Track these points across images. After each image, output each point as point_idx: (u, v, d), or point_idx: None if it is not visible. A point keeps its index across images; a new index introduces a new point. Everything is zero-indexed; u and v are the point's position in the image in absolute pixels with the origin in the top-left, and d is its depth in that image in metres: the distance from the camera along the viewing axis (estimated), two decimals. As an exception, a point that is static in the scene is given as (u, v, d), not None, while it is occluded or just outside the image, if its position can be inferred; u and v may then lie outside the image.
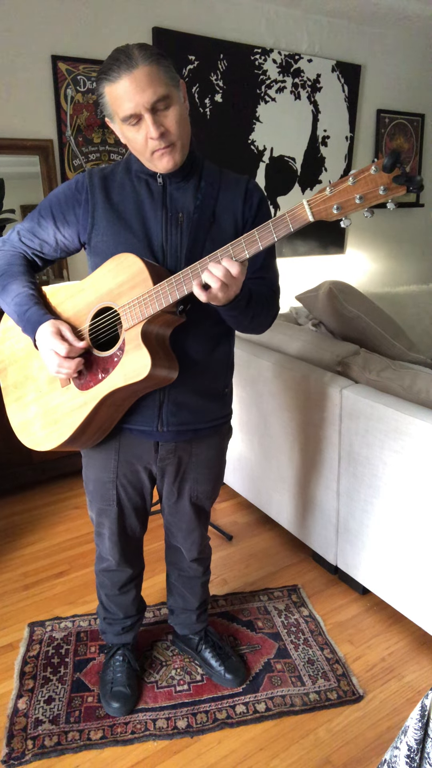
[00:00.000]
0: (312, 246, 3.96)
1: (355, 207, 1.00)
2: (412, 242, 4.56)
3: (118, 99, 1.15)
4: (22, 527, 2.53)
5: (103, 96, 1.18)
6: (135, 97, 1.13)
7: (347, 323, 2.24)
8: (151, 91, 1.13)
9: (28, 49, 2.68)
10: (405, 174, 0.95)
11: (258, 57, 3.37)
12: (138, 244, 1.26)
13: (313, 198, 1.02)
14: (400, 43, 3.99)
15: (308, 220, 1.03)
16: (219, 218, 1.29)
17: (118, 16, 2.88)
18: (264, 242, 1.08)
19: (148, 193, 1.28)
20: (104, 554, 1.61)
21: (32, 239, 1.37)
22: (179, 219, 1.27)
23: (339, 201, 1.01)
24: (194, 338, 1.33)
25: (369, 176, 0.98)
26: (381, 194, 0.98)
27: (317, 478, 2.10)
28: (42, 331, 1.25)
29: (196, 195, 1.28)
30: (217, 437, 1.50)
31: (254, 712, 1.64)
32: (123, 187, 1.29)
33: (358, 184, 0.99)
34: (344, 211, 1.01)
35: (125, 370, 1.21)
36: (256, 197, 1.32)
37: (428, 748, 0.95)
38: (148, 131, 1.16)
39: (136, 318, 1.19)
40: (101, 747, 1.54)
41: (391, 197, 0.98)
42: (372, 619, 1.99)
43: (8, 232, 1.42)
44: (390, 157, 0.94)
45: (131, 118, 1.16)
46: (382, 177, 0.97)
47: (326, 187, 1.01)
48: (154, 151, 1.19)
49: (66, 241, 1.35)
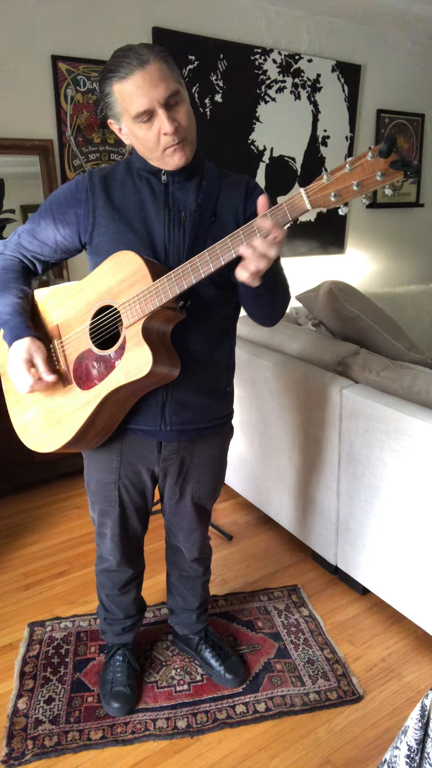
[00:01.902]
0: (312, 246, 3.96)
1: (353, 194, 1.00)
2: (412, 242, 4.56)
3: (130, 96, 1.14)
4: (22, 527, 2.53)
5: (111, 95, 1.17)
6: (150, 92, 1.13)
7: (347, 323, 2.24)
8: (165, 86, 1.13)
9: (28, 49, 2.68)
10: (402, 159, 0.95)
11: (258, 57, 3.37)
12: (140, 243, 1.26)
13: (311, 186, 1.01)
14: (400, 43, 3.99)
15: (306, 208, 1.02)
16: (220, 217, 1.29)
17: (118, 16, 2.88)
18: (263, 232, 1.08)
19: (150, 192, 1.28)
20: (105, 554, 1.61)
21: (32, 241, 1.37)
22: (182, 218, 1.27)
23: (336, 188, 1.00)
24: (196, 336, 1.33)
25: (366, 162, 0.98)
26: (378, 180, 0.97)
27: (317, 478, 2.10)
28: (16, 348, 1.26)
29: (198, 194, 1.28)
30: (219, 437, 1.50)
31: (254, 712, 1.64)
32: (124, 186, 1.29)
33: (355, 170, 0.98)
34: (342, 198, 1.01)
35: (127, 367, 1.21)
36: (256, 195, 1.32)
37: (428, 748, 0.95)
38: (162, 126, 1.15)
39: (136, 315, 1.19)
40: (101, 747, 1.54)
41: (389, 183, 0.98)
42: (372, 619, 1.99)
43: (11, 236, 1.42)
44: (386, 142, 0.93)
45: (144, 114, 1.15)
46: (378, 163, 0.97)
47: (323, 175, 1.00)
48: (167, 147, 1.19)
49: (65, 242, 1.35)
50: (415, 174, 0.95)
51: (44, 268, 1.44)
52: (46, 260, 1.41)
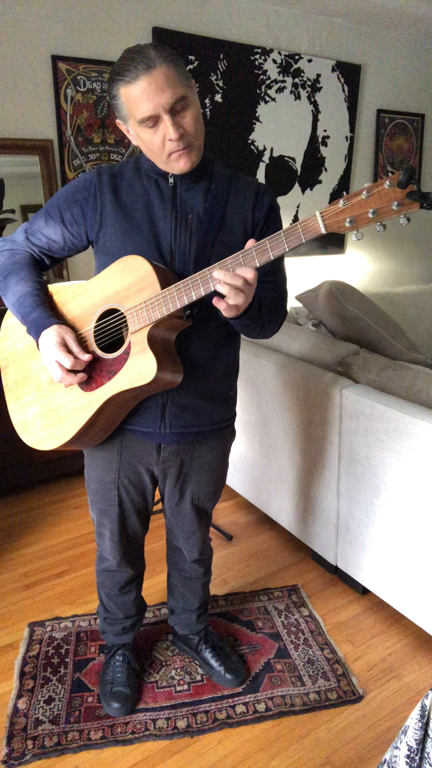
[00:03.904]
0: (312, 246, 3.96)
1: (368, 221, 1.00)
2: (412, 242, 4.56)
3: (136, 100, 1.13)
4: (22, 527, 2.53)
5: (118, 97, 1.16)
6: (155, 98, 1.11)
7: (347, 323, 2.25)
8: (171, 92, 1.12)
9: (28, 49, 2.68)
10: (419, 190, 0.95)
11: (258, 57, 3.37)
12: (146, 244, 1.25)
13: (327, 210, 1.02)
14: (400, 43, 3.99)
15: (320, 232, 1.03)
16: (228, 221, 1.28)
17: (118, 16, 2.88)
18: (275, 252, 1.07)
19: (158, 193, 1.27)
20: (105, 554, 1.61)
21: (40, 238, 1.36)
22: (189, 221, 1.26)
23: (352, 214, 1.00)
24: (199, 341, 1.32)
25: (383, 191, 0.98)
26: (394, 209, 0.98)
27: (317, 478, 2.10)
28: (46, 337, 1.23)
29: (206, 197, 1.27)
30: (220, 440, 1.50)
31: (254, 712, 1.64)
32: (132, 186, 1.28)
33: (372, 198, 0.99)
34: (357, 225, 1.01)
35: (130, 373, 1.21)
36: (266, 200, 1.31)
37: (428, 748, 0.95)
38: (167, 133, 1.14)
39: (142, 321, 1.19)
40: (101, 747, 1.54)
41: (404, 213, 0.98)
42: (372, 619, 1.99)
43: (15, 231, 1.41)
44: (405, 173, 0.94)
45: (149, 120, 1.14)
46: (395, 192, 0.97)
47: (340, 200, 1.01)
48: (172, 153, 1.18)
49: (74, 240, 1.35)
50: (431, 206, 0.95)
51: (53, 262, 1.43)
52: (54, 256, 1.40)
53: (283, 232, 1.05)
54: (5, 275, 1.33)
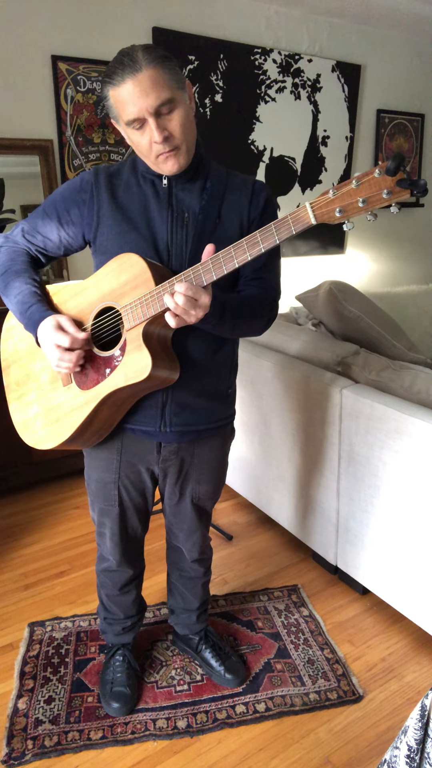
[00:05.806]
0: (312, 246, 3.96)
1: (358, 210, 1.00)
2: (412, 242, 4.56)
3: (122, 103, 1.14)
4: (22, 527, 2.53)
5: (108, 99, 1.18)
6: (138, 101, 1.12)
7: (347, 323, 2.25)
8: (155, 96, 1.12)
9: (28, 49, 2.68)
10: (409, 178, 0.94)
11: (258, 57, 3.37)
12: (143, 243, 1.26)
13: (316, 200, 1.02)
14: (400, 43, 3.99)
15: (310, 223, 1.03)
16: (224, 219, 1.28)
17: (118, 16, 2.88)
18: (266, 244, 1.07)
19: (153, 193, 1.28)
20: (105, 554, 1.61)
21: (35, 236, 1.37)
22: (185, 219, 1.27)
23: (342, 204, 1.00)
24: (196, 339, 1.32)
25: (372, 179, 0.97)
26: (384, 198, 0.97)
27: (317, 478, 2.10)
28: (43, 327, 1.25)
29: (202, 196, 1.28)
30: (220, 439, 1.50)
31: (254, 712, 1.64)
32: (129, 186, 1.29)
33: (362, 187, 0.98)
34: (347, 215, 1.00)
35: (126, 370, 1.21)
36: (262, 197, 1.32)
37: (428, 748, 0.95)
38: (152, 135, 1.16)
39: (137, 318, 1.19)
40: (101, 747, 1.54)
41: (395, 201, 0.97)
42: (372, 619, 1.99)
43: (12, 229, 1.41)
44: (394, 160, 0.93)
45: (135, 122, 1.16)
46: (385, 180, 0.96)
47: (329, 190, 1.00)
48: (159, 155, 1.19)
49: (70, 239, 1.35)
50: (422, 193, 0.95)
51: (48, 261, 1.43)
52: (50, 255, 1.41)
53: (273, 224, 1.06)
54: (5, 273, 1.34)
